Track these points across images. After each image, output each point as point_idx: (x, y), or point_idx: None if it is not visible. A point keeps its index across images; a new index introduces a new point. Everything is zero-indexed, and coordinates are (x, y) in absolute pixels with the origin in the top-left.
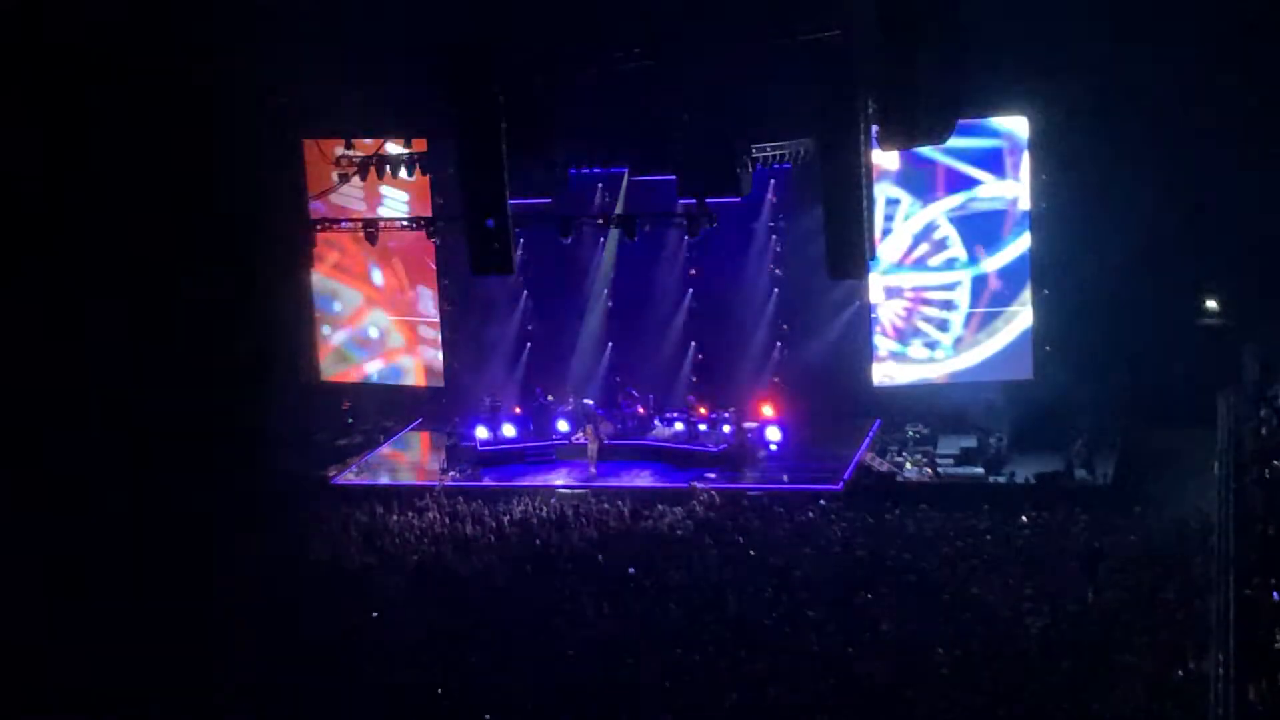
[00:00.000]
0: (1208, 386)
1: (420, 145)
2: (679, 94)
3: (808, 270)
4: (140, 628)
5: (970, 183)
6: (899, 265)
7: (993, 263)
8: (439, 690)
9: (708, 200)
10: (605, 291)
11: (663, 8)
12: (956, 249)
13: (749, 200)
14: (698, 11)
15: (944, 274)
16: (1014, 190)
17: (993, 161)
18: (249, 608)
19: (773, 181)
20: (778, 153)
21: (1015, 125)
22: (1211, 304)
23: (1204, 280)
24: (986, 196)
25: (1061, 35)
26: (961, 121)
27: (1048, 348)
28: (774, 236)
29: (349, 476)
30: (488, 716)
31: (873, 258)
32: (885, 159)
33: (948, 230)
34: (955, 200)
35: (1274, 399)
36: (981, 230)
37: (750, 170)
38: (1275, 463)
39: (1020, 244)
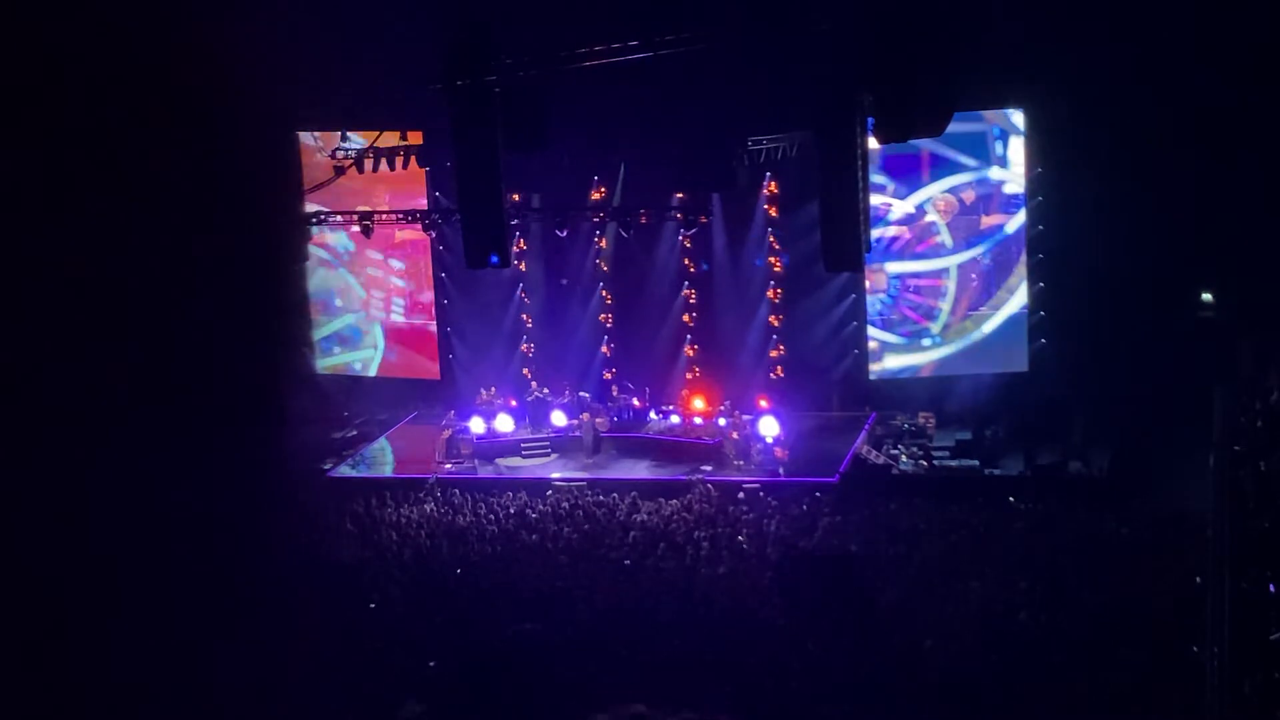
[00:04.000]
0: (1203, 380)
1: (416, 138)
2: (675, 87)
3: (803, 263)
4: (134, 625)
5: (957, 168)
6: (885, 253)
7: (980, 250)
8: (434, 682)
9: (703, 193)
10: (601, 285)
11: (659, 2)
12: (943, 236)
13: (744, 193)
14: (694, 5)
15: (930, 261)
16: (1001, 175)
17: (979, 147)
18: (244, 602)
19: (768, 174)
20: (773, 146)
21: (1005, 113)
22: (1207, 297)
23: (1200, 273)
24: (973, 182)
25: (1059, 29)
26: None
27: (1043, 340)
28: (769, 229)
29: (344, 470)
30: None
31: (868, 250)
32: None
33: (934, 217)
34: (941, 186)
35: (1269, 393)
36: (969, 217)
37: (746, 163)
38: (1271, 457)
39: (1009, 230)
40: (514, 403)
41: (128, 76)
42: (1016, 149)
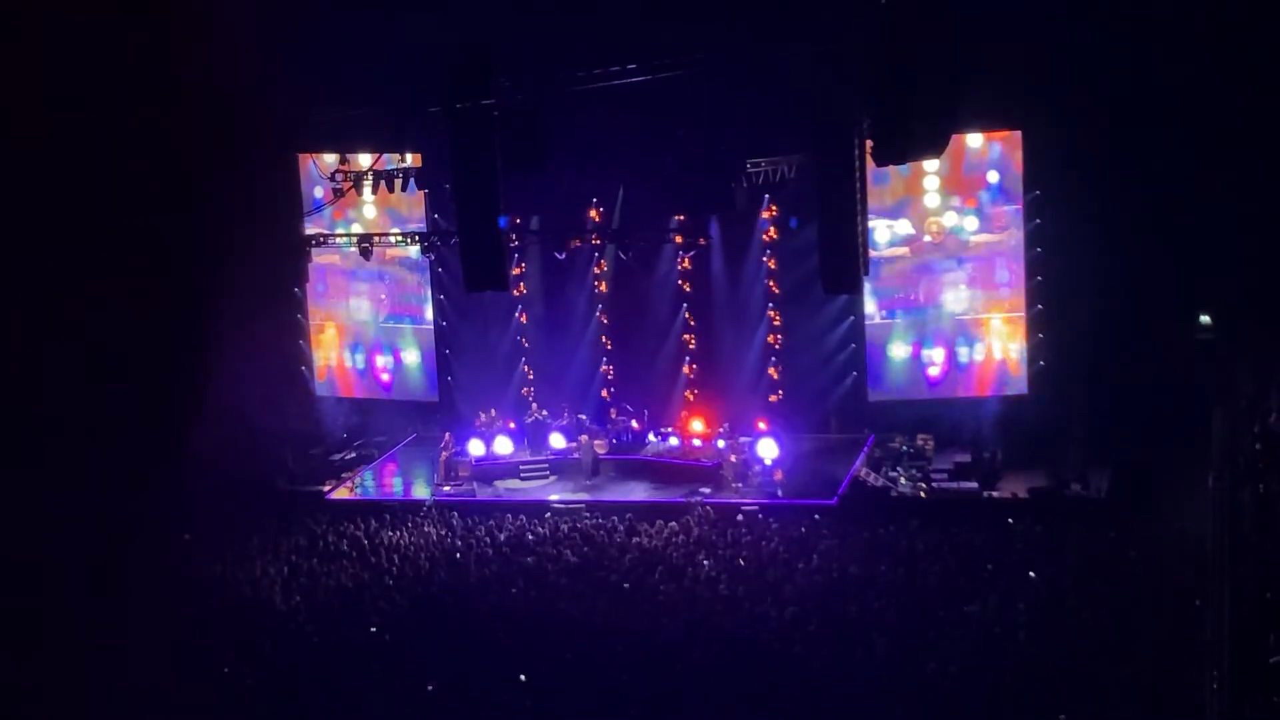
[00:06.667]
0: (1202, 402)
1: (416, 160)
2: (674, 110)
3: (802, 285)
4: (132, 640)
5: (954, 190)
6: (883, 276)
7: (981, 272)
8: (434, 704)
9: (702, 215)
10: (600, 307)
11: (658, 24)
12: (942, 258)
13: (743, 215)
14: (693, 27)
15: (929, 283)
16: (998, 198)
17: (977, 169)
18: (242, 622)
19: (767, 197)
20: (772, 168)
21: (1008, 139)
22: (1206, 320)
23: (1199, 296)
24: (971, 205)
25: (1057, 52)
26: None
27: (1042, 362)
28: (768, 251)
29: (343, 492)
30: None
31: (866, 272)
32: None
33: (932, 239)
34: (939, 207)
35: (1268, 414)
36: (967, 238)
37: (745, 185)
38: (1270, 479)
39: (1011, 256)
40: (513, 425)
41: (131, 103)
42: (1015, 171)
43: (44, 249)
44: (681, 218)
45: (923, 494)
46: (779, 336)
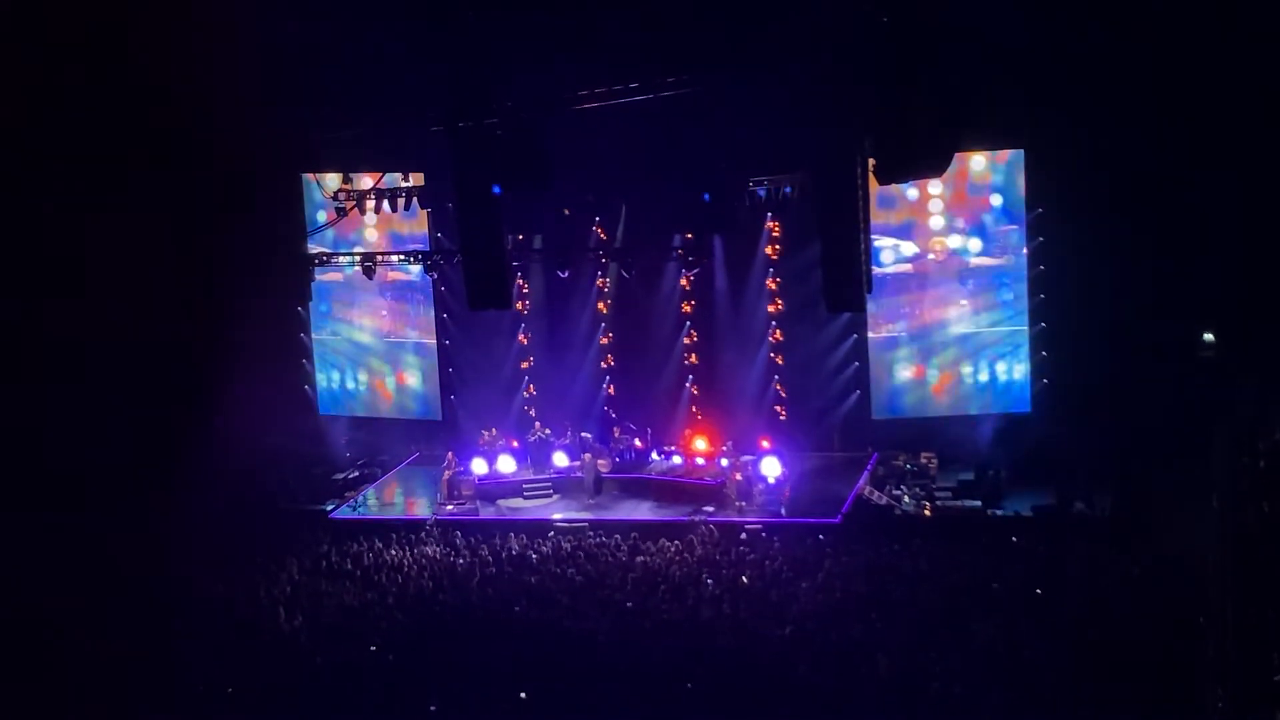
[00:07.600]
0: (1205, 420)
1: (418, 180)
2: (676, 129)
3: (805, 303)
4: (134, 660)
5: (957, 208)
6: (886, 294)
7: (982, 289)
8: None
9: (705, 234)
10: (603, 325)
11: (659, 43)
12: (945, 276)
13: (746, 234)
14: (695, 47)
15: (932, 302)
16: (1001, 217)
17: (981, 188)
18: (247, 640)
19: (769, 215)
20: (775, 187)
21: (1011, 159)
22: (1209, 337)
23: (1202, 313)
24: (974, 223)
25: (1061, 70)
26: None
27: (1045, 381)
28: (771, 270)
29: (346, 511)
30: None
31: (870, 291)
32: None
33: (935, 257)
34: (942, 226)
35: (1271, 432)
36: (969, 258)
37: (747, 204)
38: (1274, 497)
39: (1010, 271)
40: (516, 443)
41: (134, 121)
42: (1018, 193)
43: (43, 267)
44: (684, 236)
45: (927, 512)
46: (782, 354)
